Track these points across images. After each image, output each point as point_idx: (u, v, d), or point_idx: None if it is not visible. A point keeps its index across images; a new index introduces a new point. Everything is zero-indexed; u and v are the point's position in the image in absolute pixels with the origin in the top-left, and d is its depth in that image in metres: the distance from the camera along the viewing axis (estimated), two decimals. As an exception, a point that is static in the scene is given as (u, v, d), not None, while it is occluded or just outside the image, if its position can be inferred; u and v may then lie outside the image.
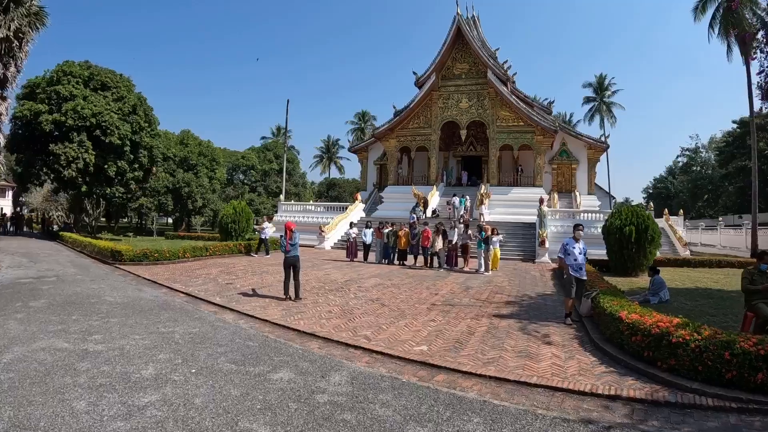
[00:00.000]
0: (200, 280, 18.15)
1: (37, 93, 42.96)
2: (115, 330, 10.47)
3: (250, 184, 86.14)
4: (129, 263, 22.27)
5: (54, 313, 12.01)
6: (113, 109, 43.89)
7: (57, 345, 9.17)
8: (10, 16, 27.56)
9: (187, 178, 67.36)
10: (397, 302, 14.74)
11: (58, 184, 44.00)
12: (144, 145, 46.84)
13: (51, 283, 16.68)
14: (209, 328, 11.09)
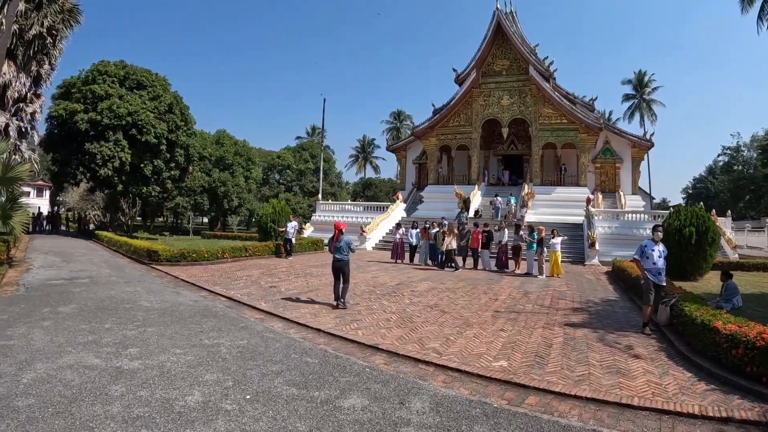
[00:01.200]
0: (241, 283, 17.12)
1: (72, 92, 42.85)
2: (152, 342, 9.29)
3: (286, 184, 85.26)
4: (166, 264, 21.44)
5: (85, 320, 10.90)
6: (149, 108, 43.43)
7: (87, 361, 8.00)
8: (44, 13, 27.10)
9: (223, 177, 66.77)
10: (458, 308, 13.60)
11: (94, 183, 43.63)
12: (180, 144, 46.28)
13: (83, 286, 15.70)
14: (258, 339, 9.82)
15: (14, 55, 27.23)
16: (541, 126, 43.76)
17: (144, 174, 43.60)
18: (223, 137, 72.95)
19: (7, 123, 27.29)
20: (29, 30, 26.89)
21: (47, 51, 29.19)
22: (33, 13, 27.06)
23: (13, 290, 14.74)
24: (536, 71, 42.82)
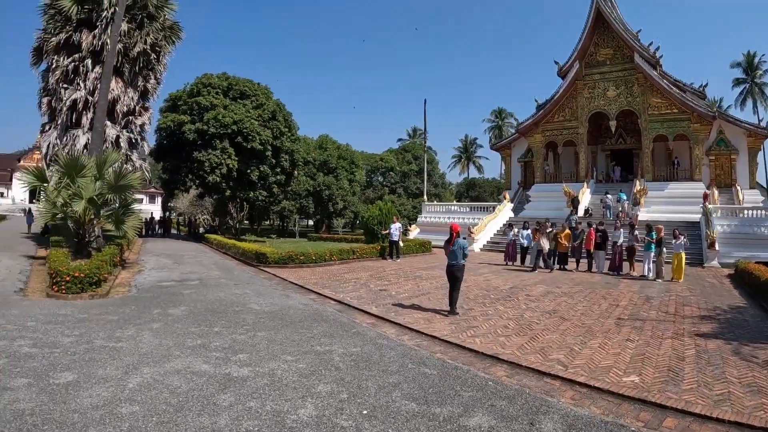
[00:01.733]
0: (350, 286, 16.87)
1: (179, 105, 44.83)
2: (262, 347, 9.06)
3: (390, 186, 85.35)
4: (274, 266, 21.54)
5: (194, 323, 10.87)
6: (253, 116, 44.46)
7: (195, 366, 7.84)
8: (146, 31, 28.79)
9: (327, 181, 67.60)
10: (578, 315, 12.75)
11: (203, 189, 45.06)
12: (285, 150, 47.11)
13: (193, 288, 15.89)
14: (372, 347, 9.40)
15: (121, 72, 28.67)
16: (650, 117, 41.09)
17: (250, 179, 44.66)
18: (326, 142, 73.86)
19: (118, 135, 28.50)
20: (133, 48, 28.45)
21: (152, 67, 30.75)
22: (136, 32, 28.63)
23: (124, 291, 15.07)
24: (642, 58, 40.31)
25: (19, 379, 7.00)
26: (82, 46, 27.36)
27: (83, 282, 13.88)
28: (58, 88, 27.65)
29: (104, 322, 10.68)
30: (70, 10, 26.83)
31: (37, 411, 5.95)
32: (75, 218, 19.20)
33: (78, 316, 11.16)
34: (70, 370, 7.47)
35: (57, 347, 8.67)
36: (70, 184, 19.12)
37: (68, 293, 13.59)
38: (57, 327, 10.10)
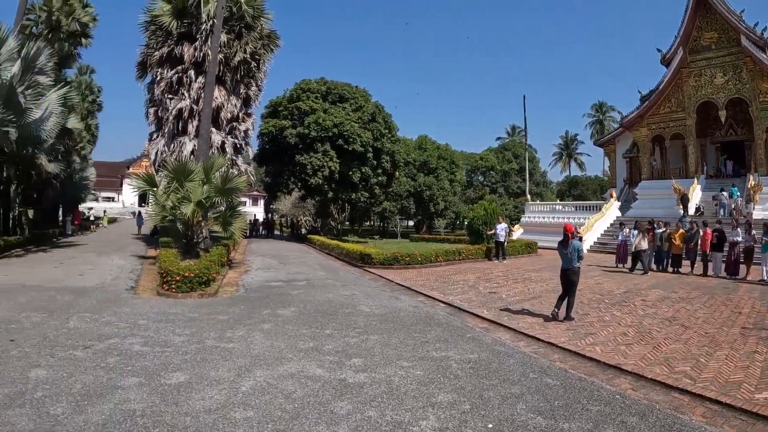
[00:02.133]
0: (458, 288, 16.44)
1: (279, 110, 45.94)
2: (376, 352, 8.78)
3: (491, 186, 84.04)
4: (379, 267, 21.39)
5: (305, 324, 10.75)
6: (353, 118, 44.72)
7: (309, 370, 7.63)
8: (244, 40, 29.64)
9: (427, 181, 67.07)
10: (699, 323, 11.72)
11: (305, 191, 45.79)
12: (386, 151, 47.15)
13: (301, 288, 15.89)
14: (489, 353, 8.95)
15: (223, 80, 29.56)
16: (761, 105, 37.40)
17: (352, 181, 44.93)
18: (425, 142, 73.35)
19: (223, 141, 29.33)
20: (233, 57, 29.32)
21: (252, 75, 31.60)
22: (235, 42, 29.48)
23: (233, 291, 15.26)
24: (749, 41, 36.83)
25: (130, 378, 7.04)
26: (184, 58, 28.40)
27: (193, 281, 14.15)
28: (163, 98, 28.80)
29: (215, 321, 10.76)
30: (170, 25, 27.98)
31: (148, 412, 5.91)
32: (184, 220, 19.85)
33: (188, 315, 11.32)
34: (181, 370, 7.47)
35: (168, 346, 8.74)
36: (179, 188, 19.78)
37: (178, 292, 13.88)
38: (168, 326, 10.25)
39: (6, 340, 8.77)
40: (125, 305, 12.38)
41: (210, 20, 27.46)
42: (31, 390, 6.50)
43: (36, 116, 22.58)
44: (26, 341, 8.77)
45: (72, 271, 18.50)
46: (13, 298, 12.76)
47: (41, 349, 8.31)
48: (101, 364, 7.64)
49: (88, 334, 9.37)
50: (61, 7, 30.91)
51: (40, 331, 9.53)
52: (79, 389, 6.57)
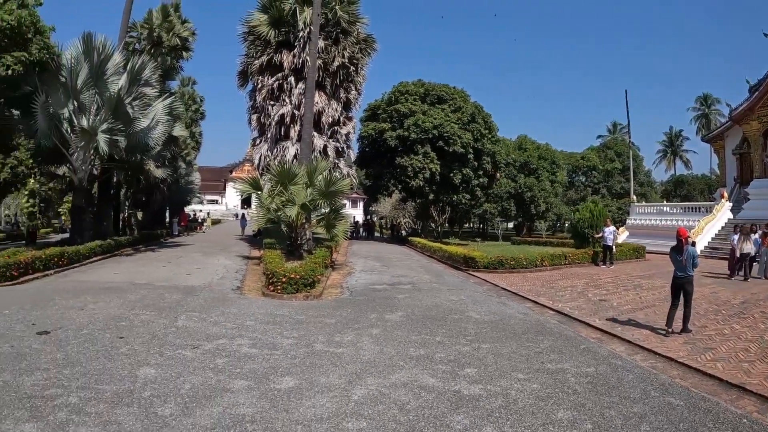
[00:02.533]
0: (567, 294, 15.71)
1: (378, 113, 46.19)
2: (490, 362, 8.31)
3: (593, 186, 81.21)
4: (483, 270, 20.85)
5: (413, 330, 10.39)
6: (452, 119, 44.23)
7: (421, 380, 7.25)
8: (342, 45, 30.03)
9: (528, 182, 65.70)
10: None
11: (405, 193, 45.65)
12: (486, 152, 46.49)
13: (406, 292, 15.56)
14: (606, 367, 8.31)
15: (323, 85, 30.07)
16: None
17: (453, 183, 44.54)
18: (525, 142, 71.88)
19: (325, 144, 29.67)
20: (332, 63, 29.73)
21: (351, 79, 31.85)
22: (332, 47, 29.92)
23: (337, 293, 15.10)
24: None
25: (239, 381, 6.92)
26: (284, 66, 29.04)
27: (298, 283, 14.13)
28: (265, 105, 29.63)
29: (322, 325, 10.60)
30: (268, 35, 28.86)
31: (258, 418, 5.75)
32: (288, 222, 20.24)
33: (295, 318, 11.21)
34: (291, 374, 7.30)
35: (277, 349, 8.62)
36: (283, 191, 20.18)
37: (284, 293, 13.89)
38: (275, 328, 10.16)
39: (116, 337, 8.93)
40: (232, 305, 12.48)
41: (306, 27, 27.95)
42: (139, 389, 6.49)
43: (143, 125, 23.73)
44: (135, 339, 8.89)
45: (179, 270, 19.01)
46: (123, 295, 13.14)
47: (150, 348, 8.37)
48: (210, 365, 7.59)
49: (197, 334, 9.41)
50: (161, 24, 32.09)
51: (149, 329, 9.67)
52: (188, 390, 6.51)
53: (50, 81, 21.21)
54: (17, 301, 11.97)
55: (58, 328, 9.44)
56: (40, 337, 8.84)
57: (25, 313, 10.72)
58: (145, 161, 26.75)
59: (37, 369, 7.09)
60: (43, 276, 16.45)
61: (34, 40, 19.19)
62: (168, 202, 42.94)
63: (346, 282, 17.46)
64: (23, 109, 21.47)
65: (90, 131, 21.40)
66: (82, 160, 22.62)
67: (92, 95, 22.25)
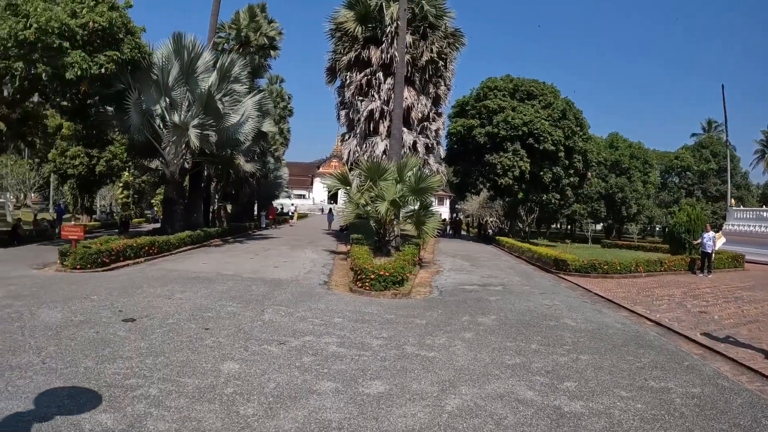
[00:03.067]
0: (664, 304, 14.57)
1: (466, 110, 45.62)
2: (590, 375, 7.58)
3: (686, 188, 77.75)
4: (574, 274, 19.86)
5: (508, 336, 9.73)
6: (542, 116, 43.26)
7: (519, 392, 6.64)
8: (430, 40, 29.69)
9: (620, 183, 63.61)
10: None
11: (494, 191, 44.85)
12: (577, 150, 45.29)
13: (497, 294, 14.83)
14: (712, 388, 7.39)
15: (412, 81, 29.80)
16: None
17: (543, 182, 43.72)
18: (616, 140, 69.60)
19: (415, 140, 29.50)
20: (420, 57, 29.40)
21: (440, 74, 31.48)
22: (420, 42, 29.56)
23: (426, 292, 14.57)
24: None
25: (326, 383, 6.53)
26: (372, 61, 29.06)
27: (387, 281, 13.69)
28: (354, 101, 29.82)
29: (412, 326, 10.10)
30: (355, 31, 28.96)
31: (345, 425, 5.32)
32: (377, 218, 20.00)
33: (384, 317, 10.76)
34: (380, 378, 6.84)
35: (366, 350, 8.18)
36: (373, 187, 19.97)
37: (372, 290, 13.49)
38: (364, 326, 9.74)
39: (201, 329, 8.74)
40: (320, 301, 12.17)
41: (393, 23, 27.80)
42: (222, 384, 6.20)
43: (233, 121, 24.20)
44: (221, 331, 8.67)
45: (267, 262, 18.98)
46: (210, 286, 13.10)
47: (235, 341, 8.11)
48: (296, 363, 7.23)
49: (283, 329, 9.11)
50: (248, 24, 32.87)
51: (234, 321, 9.45)
52: (272, 389, 6.16)
53: (142, 79, 21.95)
54: (106, 288, 12.11)
55: (144, 316, 9.36)
56: (125, 324, 8.76)
57: (113, 299, 10.78)
58: (235, 156, 27.23)
59: (120, 357, 6.93)
60: (134, 263, 16.87)
61: (126, 40, 19.71)
62: (256, 195, 43.75)
63: (435, 281, 16.89)
64: (117, 105, 22.33)
65: (182, 126, 21.89)
66: (174, 154, 23.17)
67: (183, 92, 22.79)
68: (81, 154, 36.65)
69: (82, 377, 6.10)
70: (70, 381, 5.99)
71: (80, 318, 9.02)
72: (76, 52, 17.82)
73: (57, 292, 11.28)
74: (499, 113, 42.82)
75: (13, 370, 6.24)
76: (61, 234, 17.52)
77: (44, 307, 9.71)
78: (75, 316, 9.11)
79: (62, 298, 10.69)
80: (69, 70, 17.71)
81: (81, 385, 5.86)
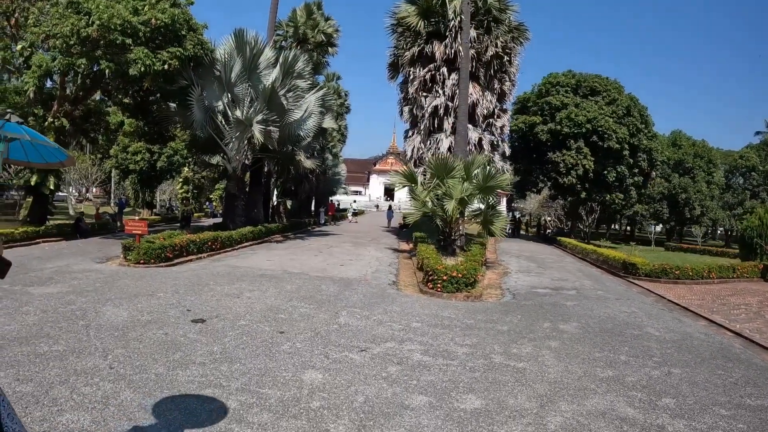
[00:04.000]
0: (742, 313, 13.50)
1: (528, 106, 44.99)
2: (686, 391, 6.86)
3: (751, 189, 74.17)
4: (644, 278, 18.87)
5: (594, 345, 8.98)
6: (606, 113, 42.33)
7: (619, 409, 6.01)
8: (494, 34, 29.02)
9: (683, 183, 61.44)
10: None
11: (555, 190, 43.92)
12: (642, 148, 44.22)
13: (572, 299, 13.97)
14: None
15: (476, 76, 29.00)
16: None
17: (607, 181, 42.71)
18: (679, 138, 67.34)
19: (480, 137, 28.85)
20: (485, 52, 28.64)
21: (505, 69, 30.71)
22: (484, 36, 28.88)
23: (497, 295, 13.86)
24: None
25: (418, 396, 5.94)
26: (436, 56, 28.46)
27: (459, 282, 13.03)
28: (417, 96, 29.17)
29: (495, 332, 9.42)
30: (418, 25, 28.56)
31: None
32: (443, 217, 19.39)
33: (464, 321, 10.09)
34: (473, 392, 6.23)
35: (452, 359, 7.54)
36: (440, 184, 19.41)
37: (443, 292, 12.86)
38: (445, 332, 9.08)
39: (276, 332, 8.22)
40: (393, 302, 11.59)
41: (457, 17, 27.35)
42: (306, 397, 5.64)
43: (297, 116, 24.10)
44: (297, 335, 8.12)
45: (332, 260, 18.59)
46: (279, 284, 12.64)
47: (313, 347, 7.54)
48: (382, 373, 6.64)
49: (362, 334, 8.54)
50: (305, 22, 33.28)
51: (310, 324, 8.90)
52: (361, 404, 5.58)
53: (205, 75, 21.99)
54: (172, 284, 11.76)
55: (214, 317, 8.90)
56: (195, 325, 8.29)
57: (180, 297, 10.37)
58: (296, 152, 26.97)
59: (192, 362, 6.42)
60: (197, 259, 16.67)
61: (188, 36, 19.76)
62: (314, 192, 43.66)
63: (505, 283, 16.16)
64: (179, 102, 22.43)
65: (245, 122, 21.74)
66: (236, 150, 23.07)
67: (245, 88, 22.62)
68: (142, 150, 37.17)
69: (154, 385, 5.59)
70: (140, 390, 5.46)
71: (147, 317, 8.58)
72: (139, 49, 17.89)
73: (122, 289, 10.92)
74: (562, 110, 42.15)
75: (79, 375, 5.78)
76: (125, 228, 17.45)
77: (109, 305, 9.31)
78: (142, 315, 8.68)
79: (127, 295, 10.32)
80: (132, 66, 17.81)
81: (154, 395, 5.33)
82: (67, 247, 18.48)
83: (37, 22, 18.57)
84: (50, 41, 17.90)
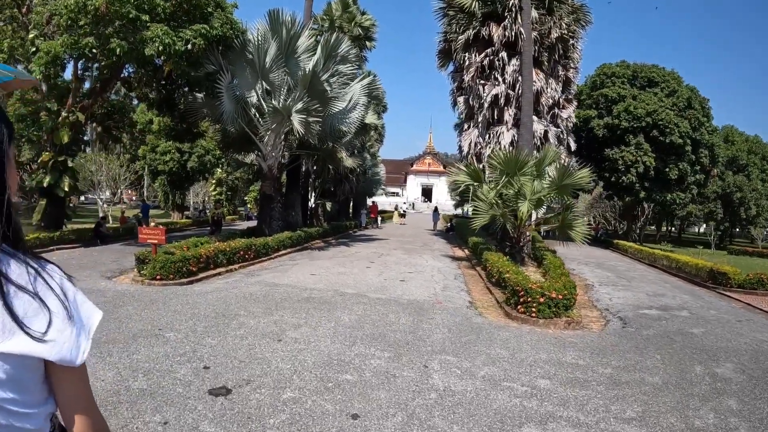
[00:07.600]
0: None
1: (582, 99, 41.48)
2: None
3: (809, 189, 69.78)
4: (737, 290, 15.99)
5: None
6: (667, 105, 39.39)
7: None
8: (558, 15, 26.01)
9: (738, 181, 57.20)
10: None
11: (611, 189, 40.61)
12: (704, 143, 41.05)
13: (693, 324, 10.79)
14: None
15: (539, 62, 26.05)
16: None
17: (668, 179, 39.64)
18: (732, 134, 63.11)
19: (546, 130, 26.00)
20: (548, 35, 25.70)
21: (569, 54, 27.71)
22: (546, 17, 25.82)
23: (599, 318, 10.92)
24: None
25: None
26: (493, 40, 25.47)
27: (558, 306, 10.07)
28: (473, 85, 26.34)
29: (650, 388, 6.54)
30: (472, 6, 25.65)
31: None
32: (512, 220, 16.76)
33: (600, 372, 7.11)
34: None
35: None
36: (511, 183, 16.56)
37: (539, 317, 9.99)
38: (589, 395, 6.17)
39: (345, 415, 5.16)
40: (492, 341, 8.42)
41: None
42: None
43: (341, 106, 21.56)
44: (381, 421, 5.04)
45: (389, 273, 15.57)
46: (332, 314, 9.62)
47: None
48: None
49: (478, 411, 5.46)
50: (341, 15, 32.42)
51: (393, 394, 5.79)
52: None
53: (235, 60, 19.38)
54: (189, 315, 8.92)
55: (244, 383, 5.86)
56: (214, 402, 5.27)
57: (196, 339, 7.43)
58: (338, 149, 24.56)
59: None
60: (227, 272, 14.06)
61: (216, 14, 17.34)
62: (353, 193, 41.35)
63: (597, 300, 13.18)
64: (207, 91, 20.05)
65: (283, 112, 18.87)
66: (272, 146, 20.55)
67: (281, 75, 19.80)
68: (171, 149, 35.52)
69: None
70: None
71: (142, 383, 5.65)
72: (157, 26, 15.36)
73: (121, 322, 8.15)
74: (619, 102, 39.38)
75: None
76: (139, 237, 14.64)
77: (95, 355, 6.39)
78: (135, 379, 5.76)
79: (124, 335, 7.44)
80: (149, 45, 15.26)
81: None
82: (80, 256, 16.29)
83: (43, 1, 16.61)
84: (55, 19, 15.46)
